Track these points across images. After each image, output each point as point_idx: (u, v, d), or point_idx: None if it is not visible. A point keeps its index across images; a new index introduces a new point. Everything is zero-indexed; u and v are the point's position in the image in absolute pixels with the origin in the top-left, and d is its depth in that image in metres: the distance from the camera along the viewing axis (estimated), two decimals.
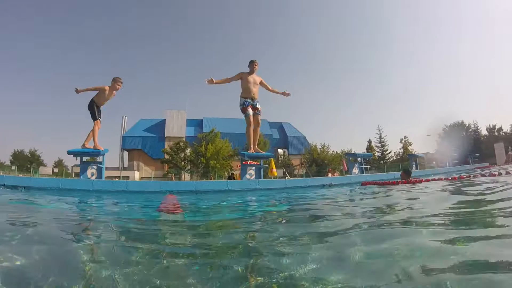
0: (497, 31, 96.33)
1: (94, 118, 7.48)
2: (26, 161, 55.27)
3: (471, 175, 7.44)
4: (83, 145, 7.44)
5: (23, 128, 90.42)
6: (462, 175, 7.99)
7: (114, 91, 7.73)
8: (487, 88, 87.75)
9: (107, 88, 7.56)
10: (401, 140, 55.66)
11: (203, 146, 41.86)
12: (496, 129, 51.60)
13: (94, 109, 7.56)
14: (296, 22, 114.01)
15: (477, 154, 17.84)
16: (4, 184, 5.44)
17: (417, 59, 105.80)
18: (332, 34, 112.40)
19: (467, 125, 54.11)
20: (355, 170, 10.76)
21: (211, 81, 7.76)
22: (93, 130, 7.37)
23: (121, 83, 7.80)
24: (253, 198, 5.83)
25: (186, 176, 44.11)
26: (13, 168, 46.07)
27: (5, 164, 53.49)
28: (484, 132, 53.04)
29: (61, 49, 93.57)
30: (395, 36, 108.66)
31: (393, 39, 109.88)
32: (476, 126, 53.96)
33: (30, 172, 42.68)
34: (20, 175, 34.23)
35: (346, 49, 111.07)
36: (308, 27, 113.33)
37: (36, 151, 59.90)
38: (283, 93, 8.49)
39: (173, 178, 37.74)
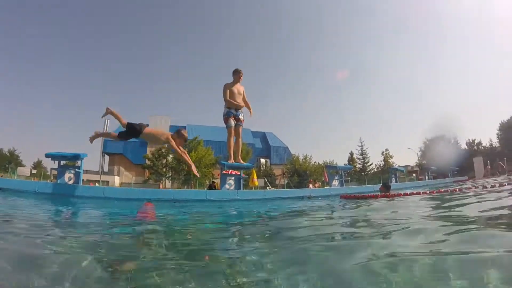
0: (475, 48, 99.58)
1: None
2: (4, 160, 53.78)
3: (449, 189, 7.65)
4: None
5: (3, 126, 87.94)
6: (440, 189, 8.21)
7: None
8: (467, 104, 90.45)
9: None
10: (383, 152, 56.74)
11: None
12: (475, 143, 53.12)
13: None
14: (280, 30, 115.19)
15: (456, 168, 18.29)
16: None
17: (401, 72, 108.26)
18: (315, 43, 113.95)
19: (448, 138, 55.50)
20: (335, 182, 10.88)
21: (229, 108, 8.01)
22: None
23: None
24: (229, 209, 5.86)
25: (167, 183, 43.64)
26: None
27: None
28: (463, 146, 54.63)
29: (44, 46, 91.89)
30: (381, 49, 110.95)
31: (379, 52, 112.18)
32: (456, 140, 55.53)
33: (7, 172, 41.43)
34: None
35: (331, 60, 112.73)
36: (291, 34, 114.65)
37: (15, 150, 58.51)
38: (250, 111, 8.43)
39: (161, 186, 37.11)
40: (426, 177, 15.75)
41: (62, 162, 6.77)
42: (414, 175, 41.71)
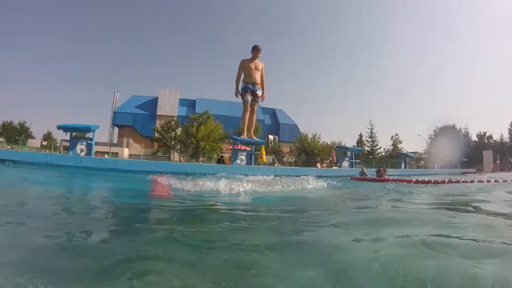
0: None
1: None
2: (14, 133, 54.40)
3: (460, 180, 7.46)
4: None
5: (13, 98, 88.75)
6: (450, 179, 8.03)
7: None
8: (482, 96, 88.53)
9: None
10: (392, 137, 56.05)
11: (194, 127, 41.54)
12: (486, 137, 52.25)
13: None
14: (294, 7, 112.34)
15: (465, 159, 18.04)
16: None
17: (415, 59, 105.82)
18: (331, 24, 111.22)
19: (458, 128, 54.68)
20: (345, 163, 10.81)
21: (237, 94, 8.09)
22: None
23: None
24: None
25: (175, 156, 43.91)
26: (1, 139, 45.30)
27: None
28: (474, 138, 53.80)
29: (53, 16, 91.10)
30: (394, 34, 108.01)
31: (391, 37, 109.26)
32: (467, 131, 54.68)
33: (18, 144, 41.99)
34: (8, 147, 33.69)
35: (345, 42, 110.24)
36: (306, 12, 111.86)
37: (25, 122, 58.94)
38: (263, 93, 8.36)
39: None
40: (435, 166, 15.60)
41: (74, 134, 6.75)
42: (422, 162, 41.39)
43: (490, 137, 52.37)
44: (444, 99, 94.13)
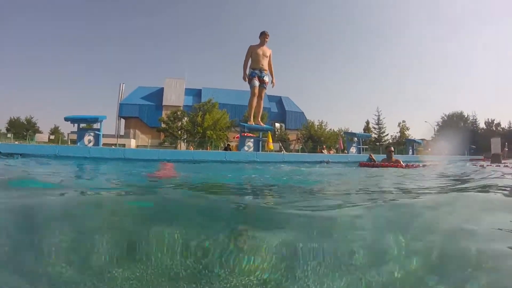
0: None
1: None
2: (22, 129, 55.05)
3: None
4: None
5: (20, 95, 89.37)
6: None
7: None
8: (490, 83, 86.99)
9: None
10: (399, 124, 55.73)
11: (199, 116, 41.58)
12: (494, 124, 51.76)
13: None
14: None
15: (474, 146, 17.83)
16: (0, 152, 5.39)
17: (422, 47, 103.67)
18: (339, 12, 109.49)
19: (466, 116, 54.20)
20: (353, 150, 10.75)
21: (245, 78, 8.02)
22: None
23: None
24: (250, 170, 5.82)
25: (182, 145, 44.07)
26: (9, 135, 45.94)
27: (0, 131, 53.08)
28: (482, 125, 53.46)
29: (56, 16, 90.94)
30: (403, 23, 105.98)
31: (401, 26, 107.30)
32: (474, 118, 54.30)
33: (26, 139, 42.47)
34: (16, 142, 34.05)
35: (352, 29, 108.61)
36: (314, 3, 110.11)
37: (32, 118, 59.48)
38: (272, 80, 8.40)
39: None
40: (443, 152, 15.45)
41: (81, 125, 6.77)
42: (429, 149, 41.05)
43: (498, 124, 52.03)
44: (451, 87, 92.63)
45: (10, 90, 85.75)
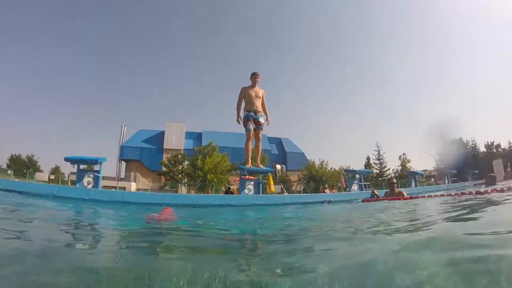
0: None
1: None
2: (22, 166, 55.08)
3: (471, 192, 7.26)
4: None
5: (22, 132, 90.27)
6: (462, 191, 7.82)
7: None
8: (486, 105, 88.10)
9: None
10: (400, 157, 55.83)
11: (199, 159, 41.71)
12: (494, 146, 51.93)
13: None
14: (296, 35, 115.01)
15: (476, 171, 17.70)
16: None
17: (414, 76, 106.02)
18: (333, 48, 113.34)
19: (465, 141, 54.51)
20: (354, 187, 10.66)
21: (238, 121, 8.01)
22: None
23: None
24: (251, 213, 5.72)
25: (183, 189, 43.78)
26: (9, 172, 45.71)
27: (1, 167, 53.14)
28: (482, 148, 53.63)
29: (61, 52, 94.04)
30: (395, 53, 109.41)
31: (393, 57, 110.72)
32: (474, 142, 54.46)
33: (26, 177, 42.34)
34: (16, 179, 33.96)
35: (345, 65, 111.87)
36: (311, 40, 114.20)
37: (33, 156, 59.74)
38: (267, 118, 8.36)
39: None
40: (446, 181, 15.30)
41: (81, 166, 6.75)
42: (432, 179, 40.83)
43: (499, 146, 52.26)
44: (448, 113, 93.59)
45: (12, 127, 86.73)
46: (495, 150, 51.02)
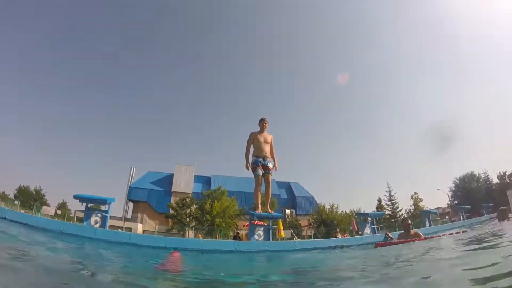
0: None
1: None
2: (29, 198, 55.03)
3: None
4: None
5: (33, 164, 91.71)
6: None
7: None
8: (495, 135, 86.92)
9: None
10: (412, 196, 54.77)
11: (208, 203, 41.34)
12: (507, 175, 50.67)
13: None
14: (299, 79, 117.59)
15: (491, 204, 17.06)
16: (6, 217, 5.33)
17: (421, 113, 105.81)
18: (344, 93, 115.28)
19: (477, 175, 53.43)
20: (367, 230, 10.32)
21: (247, 166, 7.96)
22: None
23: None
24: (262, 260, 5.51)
25: (190, 233, 43.06)
26: (16, 202, 45.90)
27: (8, 196, 53.22)
28: (495, 180, 52.33)
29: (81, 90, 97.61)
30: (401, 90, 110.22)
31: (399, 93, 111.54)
32: (486, 175, 53.46)
33: (32, 209, 42.22)
34: (23, 211, 33.88)
35: (355, 107, 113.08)
36: (318, 81, 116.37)
37: (41, 189, 59.84)
38: (274, 164, 8.26)
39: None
40: (461, 218, 14.77)
41: (90, 205, 6.70)
42: (446, 217, 39.64)
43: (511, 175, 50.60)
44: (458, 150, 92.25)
45: (22, 159, 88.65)
46: (508, 180, 49.68)
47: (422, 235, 6.58)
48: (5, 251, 2.97)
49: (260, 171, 7.80)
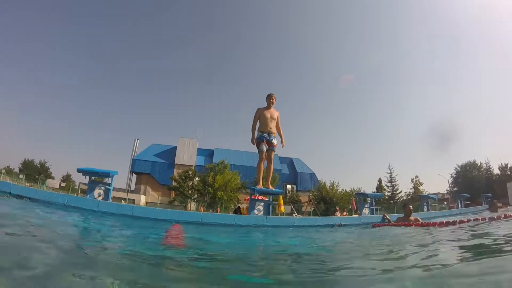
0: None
1: None
2: (34, 171, 56.06)
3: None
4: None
5: (37, 137, 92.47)
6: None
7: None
8: (500, 126, 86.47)
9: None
10: (412, 179, 55.10)
11: (210, 176, 41.70)
12: (508, 168, 50.72)
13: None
14: (309, 57, 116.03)
15: (490, 194, 17.18)
16: (10, 192, 5.41)
17: (429, 99, 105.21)
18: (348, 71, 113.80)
19: (479, 164, 53.49)
20: (366, 211, 10.47)
21: (253, 141, 8.01)
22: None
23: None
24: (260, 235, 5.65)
25: (192, 205, 43.76)
26: (21, 176, 46.73)
27: (13, 170, 54.00)
28: (496, 171, 52.35)
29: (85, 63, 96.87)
30: (411, 75, 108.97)
31: (409, 79, 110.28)
32: (488, 165, 53.53)
33: (37, 183, 42.89)
34: (27, 184, 34.45)
35: (360, 89, 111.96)
36: (325, 60, 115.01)
37: (46, 162, 60.91)
38: (282, 140, 8.37)
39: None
40: (459, 205, 14.89)
41: (93, 178, 6.81)
42: (445, 203, 39.96)
43: None
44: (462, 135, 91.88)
45: (27, 133, 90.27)
46: (509, 173, 49.78)
47: (421, 221, 6.65)
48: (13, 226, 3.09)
49: (265, 147, 7.86)
